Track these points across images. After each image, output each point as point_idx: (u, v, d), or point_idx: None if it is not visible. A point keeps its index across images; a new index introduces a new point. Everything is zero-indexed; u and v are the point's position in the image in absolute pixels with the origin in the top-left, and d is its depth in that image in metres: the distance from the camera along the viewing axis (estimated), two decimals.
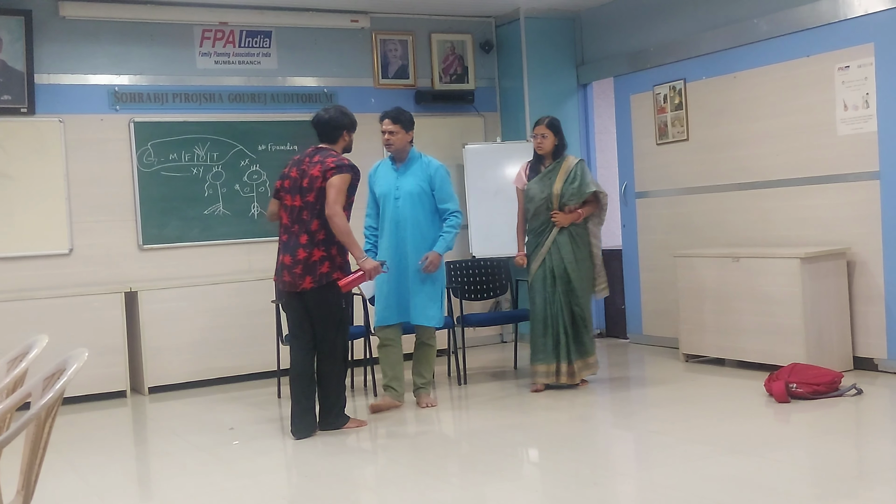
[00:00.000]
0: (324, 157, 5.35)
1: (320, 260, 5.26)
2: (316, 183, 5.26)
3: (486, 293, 7.31)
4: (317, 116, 5.51)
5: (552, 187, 6.15)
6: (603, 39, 8.39)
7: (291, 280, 5.30)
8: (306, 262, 5.25)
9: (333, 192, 5.20)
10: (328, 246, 5.28)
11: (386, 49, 8.37)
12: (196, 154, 7.62)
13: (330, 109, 5.54)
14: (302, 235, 5.29)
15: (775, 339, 6.30)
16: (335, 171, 5.24)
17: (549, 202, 6.16)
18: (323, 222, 5.26)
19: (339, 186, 5.22)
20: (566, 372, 6.19)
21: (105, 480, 4.75)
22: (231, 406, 6.49)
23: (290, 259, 5.30)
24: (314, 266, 5.26)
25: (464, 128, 8.68)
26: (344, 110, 5.54)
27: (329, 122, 5.45)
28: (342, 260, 5.36)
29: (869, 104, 6.13)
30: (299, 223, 5.31)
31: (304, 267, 5.26)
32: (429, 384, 6.13)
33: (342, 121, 5.47)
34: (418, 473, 4.54)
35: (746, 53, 6.95)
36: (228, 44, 7.79)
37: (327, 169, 5.25)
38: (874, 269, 6.19)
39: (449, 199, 5.89)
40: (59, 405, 2.55)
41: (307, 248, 5.26)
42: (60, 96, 7.20)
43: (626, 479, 4.41)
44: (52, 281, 7.10)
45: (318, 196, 5.26)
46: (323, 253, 5.27)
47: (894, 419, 5.24)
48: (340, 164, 5.28)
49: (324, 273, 5.27)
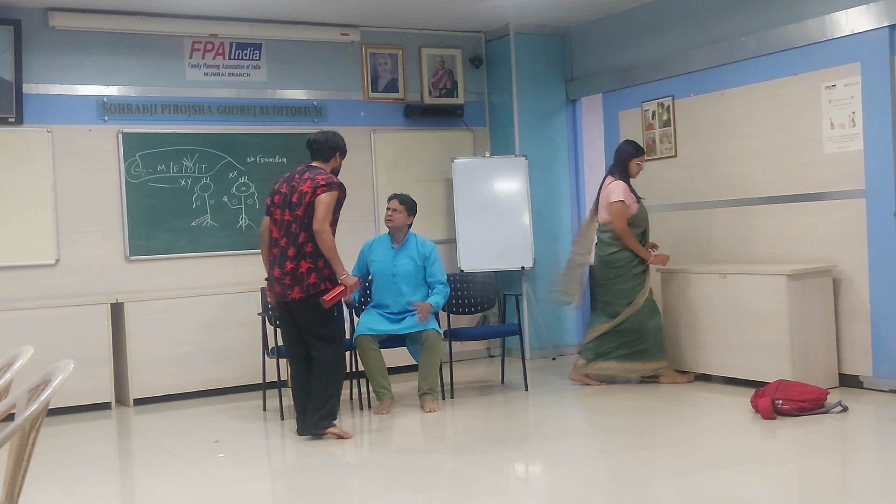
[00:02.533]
0: (314, 174, 5.55)
1: (307, 271, 5.45)
2: (305, 198, 5.45)
3: (474, 307, 7.31)
4: (314, 135, 5.78)
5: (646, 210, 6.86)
6: (592, 56, 8.43)
7: (281, 290, 5.52)
8: (294, 274, 5.45)
9: (322, 210, 5.41)
10: (315, 258, 5.46)
11: (376, 63, 8.39)
12: (184, 165, 7.61)
13: (327, 132, 5.81)
14: (290, 248, 5.48)
15: (761, 356, 6.31)
16: (325, 188, 5.45)
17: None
18: (310, 235, 5.45)
19: (327, 203, 5.43)
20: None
21: (89, 493, 4.72)
22: (216, 418, 6.47)
23: (280, 271, 5.51)
24: (301, 277, 5.45)
25: (453, 142, 8.70)
26: (340, 136, 5.81)
27: (326, 142, 5.70)
28: (329, 272, 5.51)
29: (855, 123, 6.18)
30: (288, 236, 5.50)
31: (293, 278, 5.46)
32: (434, 390, 6.30)
33: (338, 143, 5.75)
34: (404, 488, 4.53)
35: (734, 71, 6.99)
36: (218, 56, 7.80)
37: (317, 186, 5.46)
38: (860, 287, 6.22)
39: (440, 273, 6.47)
40: (43, 417, 2.53)
41: (294, 261, 5.46)
42: (49, 106, 7.18)
43: (613, 495, 4.41)
44: (38, 292, 7.06)
45: (306, 210, 5.45)
46: (310, 265, 5.45)
47: (879, 436, 5.26)
48: (330, 182, 5.50)
49: (311, 283, 5.45)
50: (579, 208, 8.78)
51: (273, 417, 6.36)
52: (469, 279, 7.33)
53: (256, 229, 7.78)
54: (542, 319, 8.43)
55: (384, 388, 6.25)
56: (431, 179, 8.53)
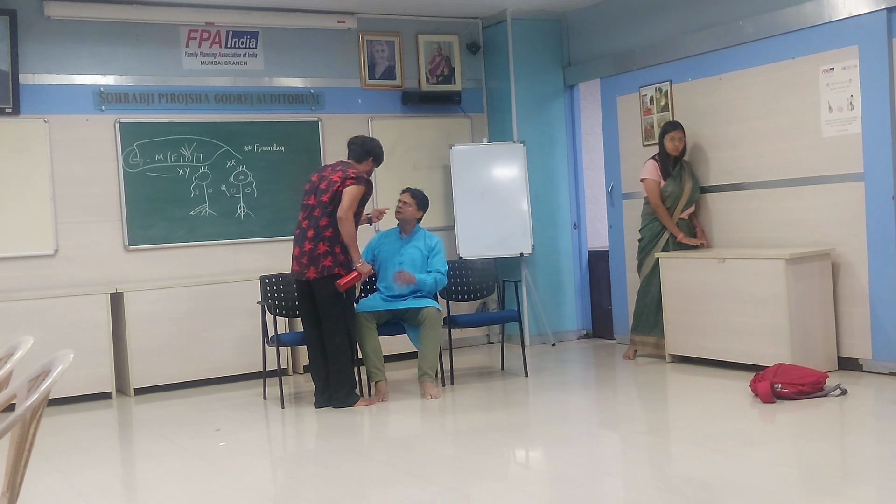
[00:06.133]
0: (346, 168, 6.08)
1: (324, 254, 5.92)
2: (334, 186, 5.95)
3: (473, 294, 7.32)
4: (355, 137, 6.36)
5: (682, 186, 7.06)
6: (589, 41, 8.42)
7: (299, 269, 6.01)
8: (311, 255, 5.93)
9: (348, 200, 5.90)
10: (332, 243, 5.93)
11: (373, 50, 8.37)
12: (182, 155, 7.60)
13: (368, 137, 6.43)
14: (310, 230, 5.97)
15: (760, 340, 6.33)
16: (354, 181, 5.96)
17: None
18: (332, 221, 5.92)
19: (354, 195, 5.93)
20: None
21: (90, 482, 4.73)
22: (217, 407, 6.48)
23: (298, 250, 6.02)
24: (318, 258, 5.92)
25: (450, 129, 8.69)
26: (378, 143, 6.33)
27: (363, 145, 6.25)
28: (344, 258, 5.98)
29: (853, 106, 6.17)
30: (310, 219, 5.99)
31: (309, 258, 5.94)
32: (434, 370, 6.34)
33: (373, 148, 6.26)
34: (404, 474, 4.54)
35: (732, 55, 6.98)
36: (215, 44, 7.77)
37: (347, 177, 5.96)
38: (859, 270, 6.23)
39: (441, 264, 6.56)
40: (44, 407, 2.54)
41: (313, 242, 5.94)
42: (45, 96, 7.17)
43: (612, 480, 4.42)
44: (36, 282, 7.06)
45: (332, 198, 5.94)
46: (327, 248, 5.92)
47: (878, 419, 5.28)
48: (359, 177, 6.02)
49: (326, 266, 5.93)
50: (577, 194, 8.78)
51: (273, 406, 6.37)
52: (468, 266, 7.34)
53: (255, 218, 7.81)
54: (541, 306, 8.44)
55: (378, 368, 6.28)
56: (429, 166, 8.52)
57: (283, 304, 6.63)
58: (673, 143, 7.04)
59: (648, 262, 7.18)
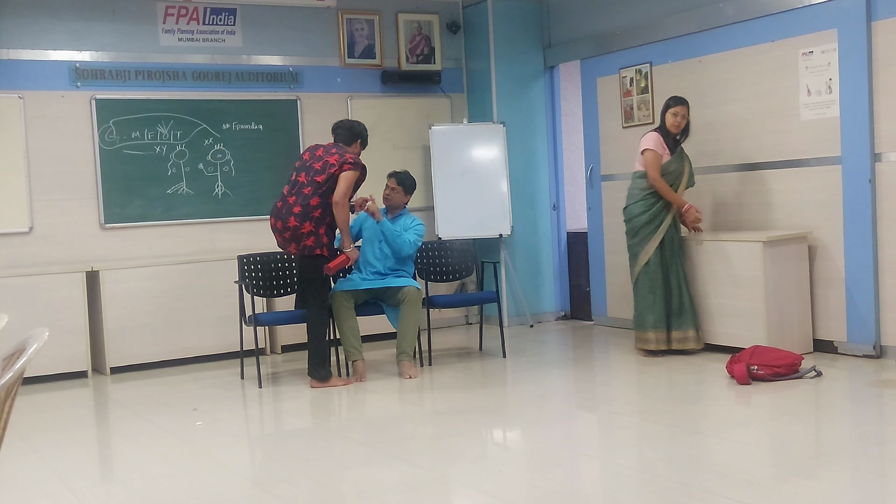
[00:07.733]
0: (342, 151, 6.07)
1: (307, 234, 5.93)
2: (331, 169, 5.94)
3: (452, 275, 7.31)
4: (341, 121, 6.38)
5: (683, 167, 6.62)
6: (570, 22, 8.39)
7: (281, 241, 6.07)
8: (295, 232, 5.93)
9: (344, 185, 5.92)
10: (318, 224, 5.94)
11: (352, 28, 8.32)
12: (159, 132, 7.53)
13: (353, 120, 6.43)
14: (297, 206, 5.93)
15: (737, 322, 6.36)
16: (352, 166, 5.97)
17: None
18: (323, 203, 5.92)
19: (350, 180, 5.95)
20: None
21: (66, 461, 4.70)
22: (194, 387, 6.46)
23: (281, 224, 5.98)
24: (301, 237, 5.94)
25: (430, 109, 8.65)
26: (363, 126, 6.38)
27: (352, 128, 6.28)
28: (328, 240, 6.01)
29: (832, 90, 6.19)
30: (298, 195, 5.95)
31: (293, 235, 5.95)
32: (412, 350, 6.34)
33: (362, 132, 6.32)
34: (383, 455, 4.54)
35: (712, 38, 6.98)
36: (192, 21, 7.69)
37: (344, 161, 5.96)
38: (835, 253, 6.27)
39: (416, 236, 6.48)
40: (19, 385, 2.52)
41: (299, 219, 5.91)
42: (20, 72, 7.07)
43: (589, 461, 4.44)
44: (11, 260, 7.00)
45: (327, 180, 5.92)
46: (312, 228, 5.93)
47: (853, 401, 5.33)
48: (357, 162, 6.03)
49: (307, 245, 5.96)
50: (557, 175, 8.78)
51: (251, 385, 6.35)
52: (447, 247, 7.32)
53: (232, 197, 7.76)
54: (519, 287, 8.45)
55: (354, 347, 6.25)
56: (409, 146, 8.49)
57: (261, 283, 6.60)
58: (675, 119, 6.48)
59: (649, 248, 6.53)
